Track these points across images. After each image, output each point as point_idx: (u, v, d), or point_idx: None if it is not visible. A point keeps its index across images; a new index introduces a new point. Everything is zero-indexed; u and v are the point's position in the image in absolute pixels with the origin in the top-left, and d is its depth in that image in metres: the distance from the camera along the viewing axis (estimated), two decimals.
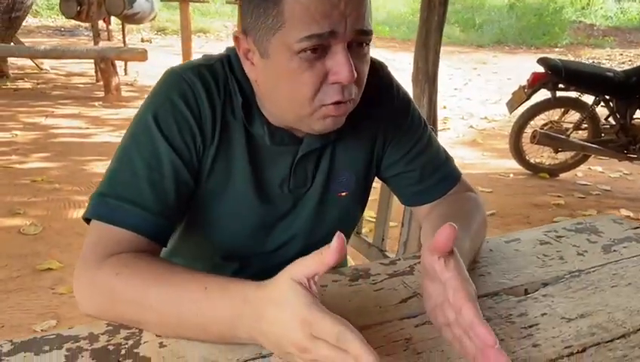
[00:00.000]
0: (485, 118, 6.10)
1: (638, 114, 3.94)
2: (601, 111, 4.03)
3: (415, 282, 0.83)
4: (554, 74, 3.75)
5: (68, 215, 3.04)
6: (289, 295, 0.57)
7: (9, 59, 6.77)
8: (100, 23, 7.05)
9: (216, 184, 0.84)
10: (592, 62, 9.26)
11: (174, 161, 0.78)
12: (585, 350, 0.69)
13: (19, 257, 2.54)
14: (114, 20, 7.37)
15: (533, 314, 0.76)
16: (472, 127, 5.69)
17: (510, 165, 4.30)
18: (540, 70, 3.83)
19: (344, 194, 0.93)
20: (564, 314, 0.76)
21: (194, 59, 0.87)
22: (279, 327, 0.58)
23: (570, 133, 3.95)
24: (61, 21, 11.03)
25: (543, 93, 3.92)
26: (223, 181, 0.85)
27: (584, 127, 4.04)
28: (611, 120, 4.02)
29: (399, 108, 0.94)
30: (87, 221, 0.78)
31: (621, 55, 11.36)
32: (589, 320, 0.75)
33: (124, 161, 0.78)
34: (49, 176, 3.59)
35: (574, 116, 4.08)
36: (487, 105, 6.71)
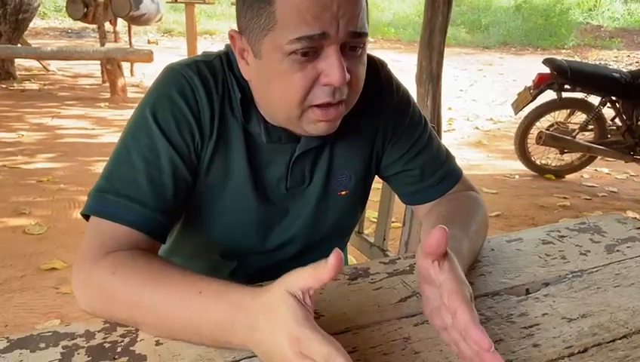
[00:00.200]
0: (491, 119, 6.07)
1: None
2: (608, 113, 4.00)
3: (414, 281, 0.82)
4: (560, 75, 3.73)
5: (73, 215, 3.05)
6: (281, 307, 0.56)
7: (16, 60, 6.82)
8: (107, 24, 7.08)
9: (215, 180, 0.84)
10: (599, 64, 9.21)
11: (172, 157, 0.78)
12: (586, 350, 0.68)
13: (23, 257, 2.55)
14: (120, 22, 7.39)
15: (534, 314, 0.75)
16: (477, 128, 5.67)
17: (516, 166, 4.28)
18: (546, 71, 3.81)
19: (344, 193, 0.93)
20: (565, 314, 0.75)
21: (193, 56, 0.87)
22: (270, 340, 0.57)
23: (577, 134, 3.93)
24: (68, 23, 11.08)
25: (548, 94, 3.90)
26: (221, 178, 0.84)
27: (590, 128, 4.01)
28: (618, 121, 4.00)
29: (399, 106, 0.93)
30: (86, 217, 0.78)
31: (628, 56, 11.29)
32: (590, 320, 0.74)
33: (122, 157, 0.78)
34: (54, 177, 3.61)
35: (580, 117, 4.06)
36: (493, 106, 6.69)
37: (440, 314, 0.64)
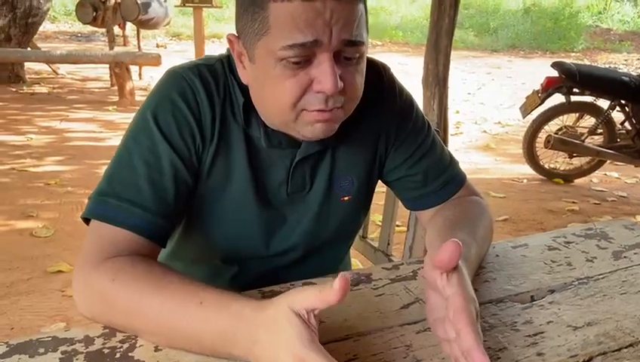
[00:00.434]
0: (499, 122, 6.05)
1: None
2: (617, 116, 3.97)
3: (417, 288, 0.81)
4: (568, 78, 3.71)
5: (80, 218, 3.06)
6: (285, 325, 0.55)
7: (26, 64, 6.87)
8: (116, 28, 7.12)
9: (216, 184, 0.84)
10: (609, 67, 9.14)
11: (173, 160, 0.78)
12: (591, 359, 0.67)
13: (30, 259, 2.56)
14: (129, 26, 7.44)
15: (538, 322, 0.74)
16: (485, 131, 5.64)
17: (524, 170, 4.25)
18: (554, 74, 3.79)
19: (347, 198, 0.92)
20: (570, 322, 0.74)
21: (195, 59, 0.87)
22: (271, 355, 0.56)
23: (585, 138, 3.90)
24: (78, 27, 11.17)
25: (557, 98, 3.87)
26: (222, 181, 0.84)
27: (599, 132, 3.99)
28: (627, 125, 3.96)
29: (402, 110, 0.92)
30: (86, 221, 0.78)
31: (638, 60, 11.22)
32: (596, 328, 0.73)
33: (123, 160, 0.78)
34: (62, 180, 3.62)
35: (589, 121, 4.03)
36: (501, 109, 6.66)
37: (444, 326, 0.62)
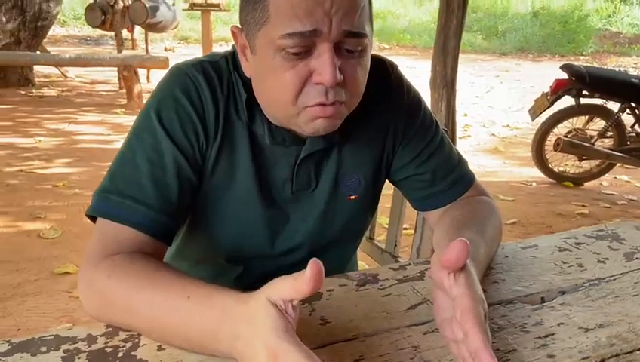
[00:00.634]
0: (507, 125, 6.01)
1: None
2: (627, 119, 3.93)
3: (425, 288, 0.80)
4: (578, 80, 3.68)
5: (87, 219, 3.05)
6: (262, 316, 0.54)
7: (35, 67, 6.92)
8: (124, 31, 7.16)
9: (220, 182, 0.83)
10: (619, 70, 9.08)
11: (177, 157, 0.77)
12: (603, 361, 0.65)
13: (37, 261, 2.57)
14: (138, 29, 7.48)
15: (549, 324, 0.72)
16: (493, 134, 5.61)
17: (533, 173, 4.22)
18: (564, 77, 3.76)
19: (353, 197, 0.91)
20: (582, 324, 0.72)
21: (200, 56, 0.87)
22: (250, 350, 0.55)
23: (595, 140, 3.87)
24: (87, 31, 11.26)
25: (566, 100, 3.85)
26: (226, 179, 0.83)
27: (609, 134, 3.95)
28: (637, 128, 3.93)
29: (410, 108, 0.91)
30: (92, 218, 0.78)
31: None
32: (608, 330, 0.71)
33: (126, 158, 0.77)
34: (70, 181, 3.64)
35: (599, 124, 3.99)
36: (510, 112, 6.63)
37: (451, 327, 0.61)
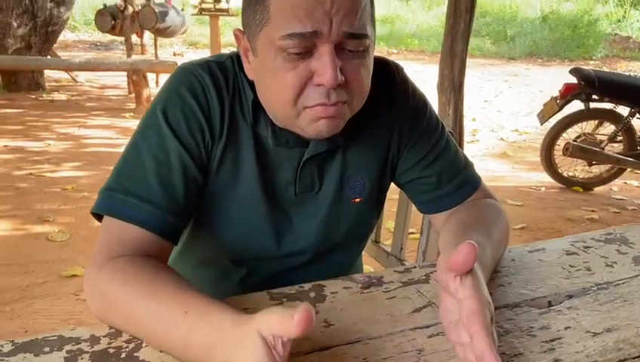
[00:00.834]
0: (516, 130, 5.98)
1: None
2: (637, 123, 3.90)
3: (430, 291, 0.79)
4: (587, 84, 3.65)
5: (95, 222, 3.03)
6: (248, 348, 0.52)
7: (45, 71, 6.98)
8: (134, 36, 7.21)
9: (225, 182, 0.83)
10: (629, 74, 9.02)
11: (182, 155, 0.77)
12: None
13: (45, 263, 2.58)
14: (147, 34, 7.53)
15: (556, 328, 0.71)
16: (502, 139, 5.58)
17: (542, 178, 4.19)
18: (573, 81, 3.74)
19: (358, 200, 0.90)
20: (589, 328, 0.71)
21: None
22: None
23: (605, 145, 3.84)
24: (97, 36, 11.33)
25: (575, 105, 3.82)
26: (231, 179, 0.83)
27: (619, 139, 3.92)
28: None
29: (415, 110, 0.90)
30: (96, 216, 0.78)
31: None
32: (615, 334, 0.70)
33: (132, 156, 0.78)
34: (79, 185, 3.66)
35: (609, 128, 3.96)
36: (518, 117, 6.59)
37: (457, 330, 0.60)
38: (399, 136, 0.90)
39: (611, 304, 0.78)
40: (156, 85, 7.23)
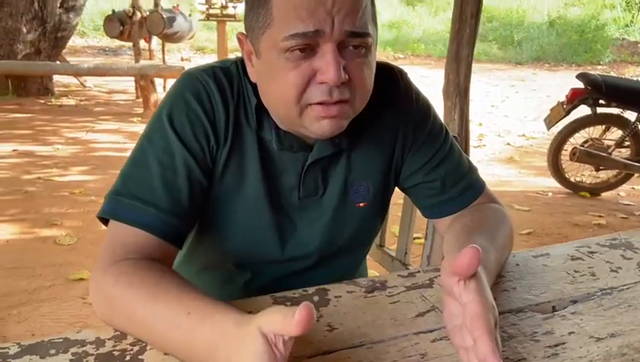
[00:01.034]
0: (523, 135, 5.96)
1: None
2: None
3: (434, 296, 0.79)
4: (594, 89, 3.64)
5: (102, 226, 3.07)
6: (249, 346, 0.53)
7: (54, 76, 7.04)
8: (142, 42, 7.26)
9: (229, 186, 0.83)
10: (637, 79, 8.97)
11: (187, 160, 0.78)
12: None
13: (53, 267, 2.60)
14: (155, 39, 7.58)
15: (559, 333, 0.71)
16: (508, 144, 5.57)
17: (549, 183, 4.18)
18: (580, 86, 3.72)
19: (362, 205, 0.91)
20: (593, 333, 0.71)
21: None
22: None
23: (612, 150, 3.82)
24: (106, 41, 11.41)
25: (582, 110, 3.81)
26: (235, 184, 0.83)
27: (627, 144, 3.90)
28: None
29: (418, 115, 0.91)
30: (103, 221, 0.78)
31: None
32: (619, 339, 0.70)
33: (137, 160, 0.79)
34: (86, 189, 3.68)
35: (616, 133, 3.95)
36: (525, 122, 6.57)
37: (461, 334, 0.61)
38: (403, 141, 0.90)
39: (615, 309, 0.77)
40: (164, 90, 7.25)
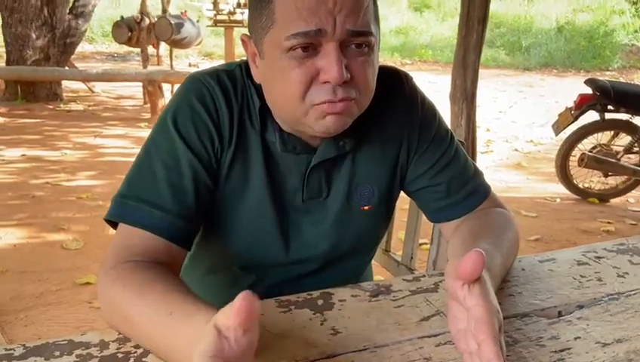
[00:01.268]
0: (531, 141, 5.94)
1: None
2: None
3: (439, 300, 0.79)
4: (602, 95, 3.63)
5: (109, 231, 3.09)
6: (202, 340, 0.50)
7: (63, 82, 7.09)
8: (150, 48, 7.30)
9: (234, 189, 0.84)
10: None
11: (192, 162, 0.78)
12: None
13: (60, 271, 2.61)
14: (163, 45, 7.63)
15: (565, 338, 0.71)
16: (516, 150, 5.54)
17: (557, 189, 4.15)
18: (588, 91, 3.71)
19: (367, 208, 0.90)
20: (599, 339, 0.71)
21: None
22: None
23: (621, 156, 3.80)
24: (114, 47, 11.50)
25: (590, 115, 3.79)
26: (240, 186, 0.84)
27: (635, 150, 3.88)
28: None
29: (424, 119, 0.91)
30: (111, 224, 0.79)
31: None
32: (626, 345, 0.69)
33: (143, 163, 0.79)
34: (93, 194, 3.70)
35: (625, 139, 3.92)
36: (533, 128, 6.54)
37: (466, 338, 0.60)
38: (408, 144, 0.90)
39: (622, 314, 0.77)
40: (171, 95, 7.30)
